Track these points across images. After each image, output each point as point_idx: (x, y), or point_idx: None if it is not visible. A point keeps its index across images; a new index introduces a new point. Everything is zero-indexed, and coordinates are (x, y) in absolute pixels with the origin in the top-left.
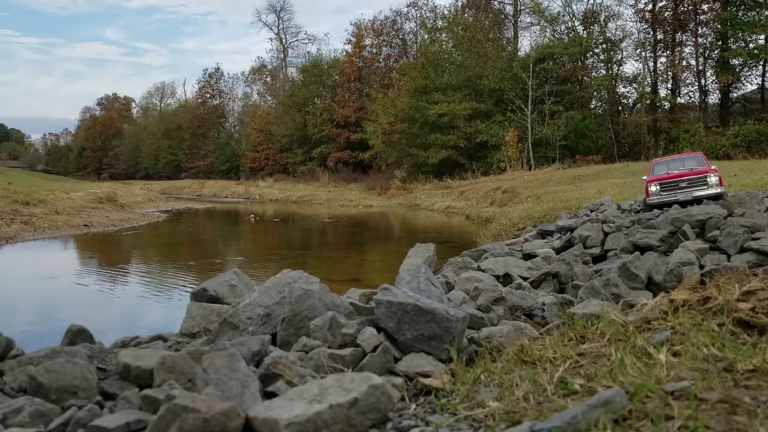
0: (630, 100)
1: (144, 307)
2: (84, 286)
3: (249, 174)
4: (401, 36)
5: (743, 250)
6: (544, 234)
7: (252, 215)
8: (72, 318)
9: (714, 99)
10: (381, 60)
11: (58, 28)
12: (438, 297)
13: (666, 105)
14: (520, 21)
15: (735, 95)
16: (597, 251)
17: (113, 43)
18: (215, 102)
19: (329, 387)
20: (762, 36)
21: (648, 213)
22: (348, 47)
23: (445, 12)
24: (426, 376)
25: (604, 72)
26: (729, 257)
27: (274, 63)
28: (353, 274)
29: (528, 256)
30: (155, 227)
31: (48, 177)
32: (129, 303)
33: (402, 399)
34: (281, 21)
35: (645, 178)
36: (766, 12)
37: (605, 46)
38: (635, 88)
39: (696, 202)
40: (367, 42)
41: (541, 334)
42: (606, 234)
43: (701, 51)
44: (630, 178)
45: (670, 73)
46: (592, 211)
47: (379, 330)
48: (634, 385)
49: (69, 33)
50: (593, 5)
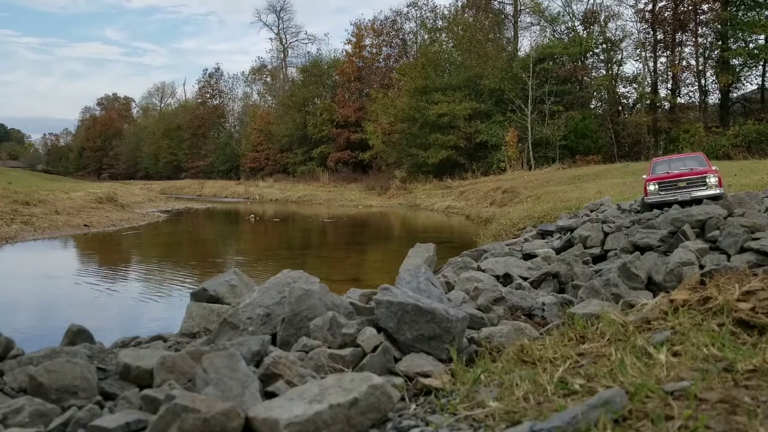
0: (630, 100)
1: (144, 307)
2: (84, 286)
3: (249, 174)
4: (401, 36)
5: (743, 250)
6: (544, 234)
7: (252, 215)
8: (72, 318)
9: (714, 99)
10: (381, 60)
11: (58, 28)
12: (438, 297)
13: (666, 105)
14: (520, 21)
15: (735, 95)
16: (597, 251)
17: (113, 43)
18: (215, 102)
19: (329, 387)
20: (762, 36)
21: (648, 213)
22: (348, 47)
23: (445, 12)
24: (426, 376)
25: (604, 72)
26: (729, 257)
27: (274, 63)
28: (353, 274)
29: (528, 256)
30: (155, 227)
31: (48, 177)
32: (129, 303)
33: (402, 399)
34: (281, 21)
35: (645, 177)
36: (766, 12)
37: (605, 46)
38: (635, 88)
39: (695, 202)
40: (367, 42)
41: (541, 334)
42: (606, 234)
43: (701, 51)
44: (630, 178)
45: (670, 73)
46: (592, 211)
47: (379, 330)
48: (634, 385)
49: (69, 33)
50: (593, 5)
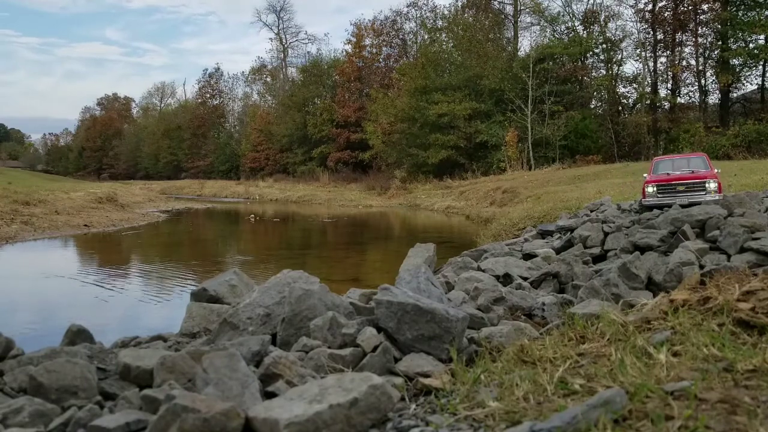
0: (630, 100)
1: (144, 307)
2: (84, 286)
3: (249, 174)
4: (401, 36)
5: (743, 250)
6: (544, 234)
7: (252, 215)
8: (72, 318)
9: (714, 99)
10: (381, 60)
11: (58, 28)
12: (438, 297)
13: (666, 105)
14: (520, 21)
15: (735, 95)
16: (597, 251)
17: (113, 43)
18: (215, 102)
19: (329, 387)
20: (762, 36)
21: (648, 213)
22: (348, 47)
23: (445, 12)
24: (426, 376)
25: (604, 72)
26: (729, 257)
27: (274, 63)
28: (353, 274)
29: (528, 256)
30: (155, 227)
31: (48, 177)
32: (129, 303)
33: (402, 399)
34: (281, 21)
35: (646, 176)
36: (766, 12)
37: (605, 46)
38: (635, 88)
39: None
40: (367, 42)
41: (541, 334)
42: (606, 234)
43: (701, 51)
44: (630, 178)
45: (670, 73)
46: (592, 211)
47: (379, 330)
48: (634, 385)
49: (69, 33)
50: (593, 5)
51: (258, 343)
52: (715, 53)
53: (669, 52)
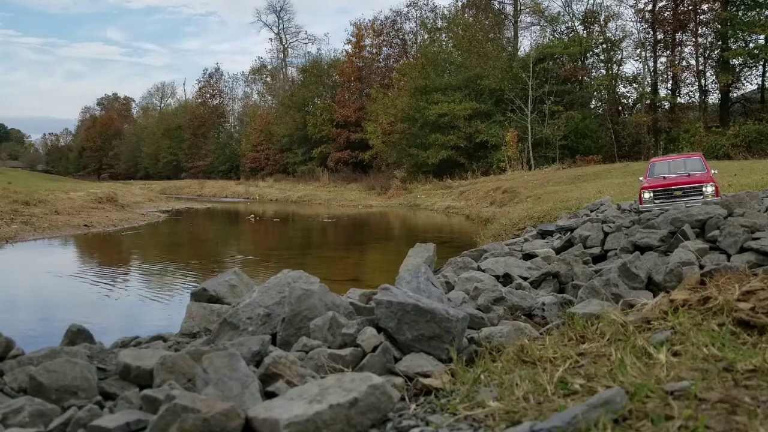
0: (630, 100)
1: (144, 307)
2: (84, 285)
3: (249, 174)
4: (401, 36)
5: (743, 250)
6: (544, 234)
7: (252, 215)
8: (72, 318)
9: (714, 99)
10: (381, 60)
11: (59, 28)
12: (438, 297)
13: (666, 105)
14: (520, 21)
15: (735, 95)
16: (597, 251)
17: (114, 44)
18: (215, 102)
19: (329, 387)
20: (762, 36)
21: (648, 213)
22: (348, 47)
23: (445, 12)
24: (426, 376)
25: (604, 72)
26: (729, 257)
27: (274, 63)
28: (353, 274)
29: (528, 256)
30: (155, 227)
31: (48, 177)
32: (129, 303)
33: (402, 399)
34: (281, 21)
35: (642, 179)
36: (766, 12)
37: (605, 46)
38: (635, 88)
39: None
40: (367, 42)
41: (541, 334)
42: (606, 234)
43: (701, 51)
44: (630, 178)
45: (670, 73)
46: (592, 211)
47: (379, 330)
48: (634, 385)
49: (70, 33)
50: (593, 5)
51: (258, 343)
52: (715, 53)
53: (669, 52)
